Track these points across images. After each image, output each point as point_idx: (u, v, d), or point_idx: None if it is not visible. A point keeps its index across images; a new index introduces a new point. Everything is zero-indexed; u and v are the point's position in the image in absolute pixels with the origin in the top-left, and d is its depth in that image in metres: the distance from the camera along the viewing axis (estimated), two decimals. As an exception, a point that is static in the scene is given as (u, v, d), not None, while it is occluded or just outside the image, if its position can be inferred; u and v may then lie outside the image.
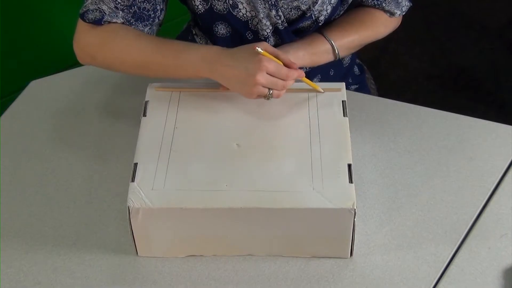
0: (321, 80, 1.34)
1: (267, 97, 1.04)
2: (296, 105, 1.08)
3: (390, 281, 0.96)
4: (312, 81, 1.32)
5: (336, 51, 1.19)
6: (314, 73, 1.32)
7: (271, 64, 1.02)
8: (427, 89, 2.33)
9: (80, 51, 1.14)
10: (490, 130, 1.17)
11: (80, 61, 1.15)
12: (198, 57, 1.05)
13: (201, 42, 1.32)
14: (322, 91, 1.10)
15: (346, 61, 1.37)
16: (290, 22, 1.20)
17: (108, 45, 1.10)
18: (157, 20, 1.15)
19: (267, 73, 1.02)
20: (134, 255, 1.00)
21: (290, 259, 0.99)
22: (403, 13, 1.24)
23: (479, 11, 2.55)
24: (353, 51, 1.25)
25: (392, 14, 1.23)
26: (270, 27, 1.19)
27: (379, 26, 1.23)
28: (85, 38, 1.12)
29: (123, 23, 1.11)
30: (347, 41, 1.20)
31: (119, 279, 0.97)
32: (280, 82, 1.04)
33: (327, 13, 1.19)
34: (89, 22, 1.10)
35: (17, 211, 1.07)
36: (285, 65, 1.05)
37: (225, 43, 1.23)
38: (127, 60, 1.10)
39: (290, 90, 1.10)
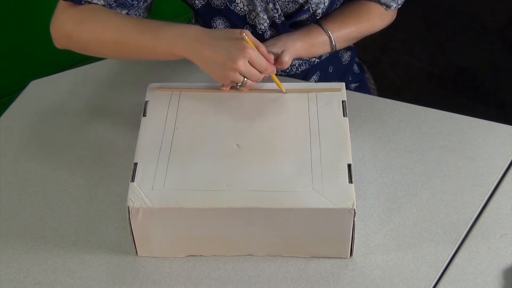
0: (320, 77, 1.34)
1: (241, 84, 1.03)
2: (296, 105, 1.08)
3: (390, 281, 0.96)
4: (311, 78, 1.33)
5: (333, 43, 1.19)
6: (314, 70, 1.32)
7: (255, 53, 1.01)
8: (427, 89, 2.33)
9: (55, 31, 1.13)
10: (490, 130, 1.17)
11: (56, 43, 1.14)
12: (176, 33, 1.04)
13: None
14: (285, 91, 1.09)
15: (346, 59, 1.37)
16: (288, 15, 1.20)
17: (85, 23, 1.09)
18: (141, 4, 1.14)
19: (248, 61, 1.01)
20: (134, 255, 1.00)
21: (290, 259, 0.99)
22: (399, 6, 1.24)
23: (479, 11, 2.55)
24: (350, 43, 1.26)
25: (388, 7, 1.23)
26: (268, 21, 1.19)
27: (375, 18, 1.24)
28: (62, 16, 1.11)
29: (103, 5, 1.10)
30: (344, 33, 1.21)
31: (119, 279, 0.97)
32: (257, 73, 1.03)
33: (325, 6, 1.19)
34: (68, 1, 1.09)
35: (17, 211, 1.07)
36: (264, 57, 1.04)
37: None
38: (103, 38, 1.09)
39: (290, 90, 1.10)
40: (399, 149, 1.14)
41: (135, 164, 0.99)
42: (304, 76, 1.31)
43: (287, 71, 1.29)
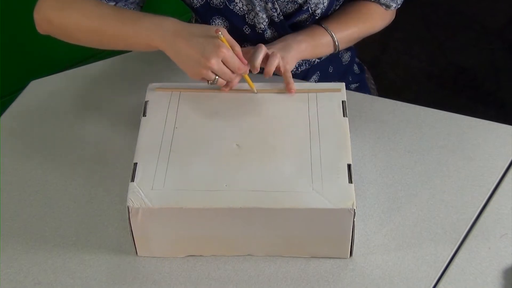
0: (320, 77, 1.34)
1: (212, 82, 1.03)
2: (296, 105, 1.08)
3: (390, 281, 0.96)
4: (311, 78, 1.33)
5: (337, 44, 1.20)
6: (314, 70, 1.32)
7: (229, 53, 1.01)
8: (427, 89, 2.33)
9: (38, 16, 1.13)
10: (490, 130, 1.17)
11: (38, 28, 1.15)
12: (153, 25, 1.04)
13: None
14: (256, 91, 1.09)
15: (346, 59, 1.37)
16: (287, 15, 1.20)
17: (66, 9, 1.10)
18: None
19: (221, 60, 1.01)
20: (134, 255, 1.00)
21: (290, 259, 0.99)
22: (398, 6, 1.25)
23: (479, 11, 2.55)
24: (352, 43, 1.26)
25: (388, 7, 1.24)
26: (267, 20, 1.19)
27: (376, 19, 1.25)
28: (45, 1, 1.12)
29: None
30: (346, 33, 1.21)
31: (119, 279, 0.97)
32: (229, 73, 1.03)
33: (324, 6, 1.19)
34: None
35: (17, 211, 1.07)
36: (238, 57, 1.04)
37: None
38: (83, 25, 1.09)
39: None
40: (399, 149, 1.14)
41: (135, 164, 0.99)
42: (304, 76, 1.31)
43: None
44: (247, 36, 1.23)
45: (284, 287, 0.95)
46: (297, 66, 1.29)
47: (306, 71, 1.31)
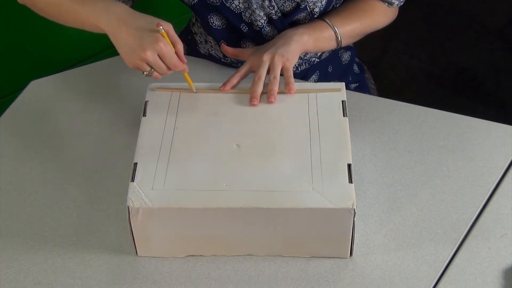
0: (320, 76, 1.34)
1: (147, 74, 1.04)
2: (296, 105, 1.08)
3: (390, 281, 0.96)
4: (310, 78, 1.32)
5: (339, 38, 1.19)
6: (313, 69, 1.32)
7: (167, 48, 1.01)
8: (427, 89, 2.33)
9: None
10: (490, 130, 1.17)
11: None
12: (104, 7, 1.05)
13: (200, 40, 1.33)
14: (195, 91, 1.10)
15: (345, 58, 1.37)
16: (285, 14, 1.21)
17: None
18: None
19: (158, 54, 1.01)
20: (134, 255, 1.00)
21: (290, 259, 0.99)
22: (401, 3, 1.24)
23: (479, 11, 2.55)
24: (355, 39, 1.26)
25: (390, 4, 1.24)
26: (264, 18, 1.19)
27: (379, 15, 1.24)
28: None
29: None
30: (349, 29, 1.21)
31: (119, 279, 0.97)
32: (165, 68, 1.03)
33: (322, 5, 1.19)
34: None
35: (17, 211, 1.07)
36: (178, 55, 1.04)
37: (221, 35, 1.24)
38: None
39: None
40: (399, 149, 1.14)
41: (135, 164, 0.99)
42: (304, 75, 1.31)
43: None
44: (244, 34, 1.23)
45: (284, 287, 0.95)
46: (296, 65, 1.28)
47: (306, 71, 1.31)
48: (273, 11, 1.18)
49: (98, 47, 2.09)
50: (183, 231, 0.96)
